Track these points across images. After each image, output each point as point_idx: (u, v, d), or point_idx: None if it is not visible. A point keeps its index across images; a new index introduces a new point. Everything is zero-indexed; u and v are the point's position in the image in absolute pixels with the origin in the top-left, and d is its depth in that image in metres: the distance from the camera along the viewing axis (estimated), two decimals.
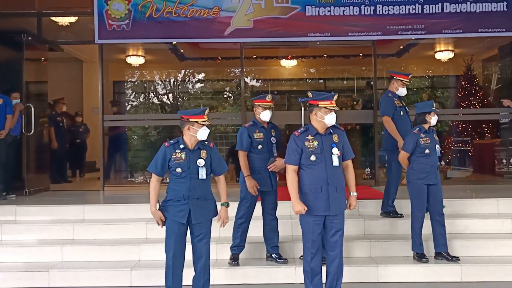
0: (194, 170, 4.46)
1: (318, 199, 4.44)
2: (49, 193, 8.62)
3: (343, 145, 4.53)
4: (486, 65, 11.56)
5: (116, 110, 10.60)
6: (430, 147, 5.63)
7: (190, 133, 4.48)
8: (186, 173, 4.44)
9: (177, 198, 4.48)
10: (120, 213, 6.71)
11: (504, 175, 9.48)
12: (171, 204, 4.49)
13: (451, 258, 5.65)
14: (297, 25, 8.49)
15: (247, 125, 5.63)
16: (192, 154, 4.48)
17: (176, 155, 4.46)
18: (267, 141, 5.60)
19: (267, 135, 5.63)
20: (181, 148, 4.48)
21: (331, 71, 13.17)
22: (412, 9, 8.46)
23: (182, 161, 4.44)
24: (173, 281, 4.53)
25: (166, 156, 4.48)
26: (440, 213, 5.66)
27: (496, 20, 8.45)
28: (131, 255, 5.95)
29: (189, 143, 4.51)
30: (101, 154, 8.92)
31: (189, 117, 4.47)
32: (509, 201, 6.69)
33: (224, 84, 13.37)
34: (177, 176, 4.46)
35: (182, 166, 4.44)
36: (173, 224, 4.48)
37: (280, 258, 5.67)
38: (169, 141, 4.59)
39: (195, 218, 4.47)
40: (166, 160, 4.47)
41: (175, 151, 4.47)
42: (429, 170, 5.62)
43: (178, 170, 4.44)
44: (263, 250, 5.85)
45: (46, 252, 6.01)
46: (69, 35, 9.62)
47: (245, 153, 5.55)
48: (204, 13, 8.47)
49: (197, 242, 4.54)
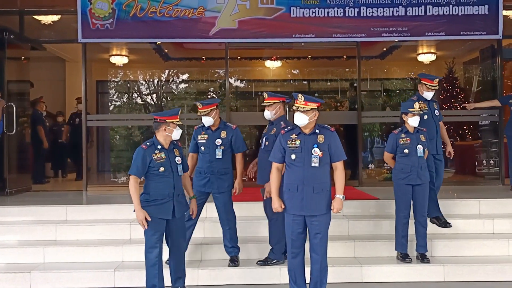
0: (174, 167, 4.71)
1: (294, 198, 4.49)
2: (31, 194, 8.52)
3: (329, 146, 4.51)
4: (468, 68, 11.70)
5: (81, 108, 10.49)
6: (409, 147, 5.66)
7: (166, 133, 4.69)
8: (168, 171, 4.66)
9: (161, 196, 4.66)
10: (103, 213, 6.65)
11: (485, 176, 9.60)
12: (155, 204, 4.64)
13: (422, 259, 5.69)
14: (282, 26, 8.50)
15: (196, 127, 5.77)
16: (169, 153, 4.74)
17: (157, 155, 4.65)
18: (210, 143, 5.62)
19: (212, 137, 5.64)
20: (159, 148, 4.69)
21: (315, 73, 13.23)
22: (395, 12, 8.52)
23: (164, 160, 4.65)
24: (159, 279, 4.72)
25: (145, 158, 4.63)
26: (422, 214, 5.71)
27: (478, 23, 8.56)
28: (115, 256, 5.91)
29: (164, 143, 4.72)
30: (83, 154, 8.84)
31: (164, 118, 4.68)
32: (490, 202, 6.78)
33: (209, 84, 13.35)
34: (160, 175, 4.64)
35: (164, 165, 4.65)
36: (158, 222, 4.65)
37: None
38: (145, 143, 4.76)
39: (179, 213, 4.74)
40: (146, 161, 4.63)
41: (154, 151, 4.66)
42: (409, 171, 5.65)
43: (161, 169, 4.62)
44: (249, 251, 5.85)
45: (27, 253, 5.94)
46: (52, 33, 9.50)
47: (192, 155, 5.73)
48: (189, 13, 8.44)
49: (176, 236, 4.80)
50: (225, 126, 5.68)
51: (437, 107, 6.31)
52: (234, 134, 5.63)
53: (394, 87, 13.83)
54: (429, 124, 6.14)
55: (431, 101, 6.27)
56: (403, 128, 5.76)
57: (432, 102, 6.28)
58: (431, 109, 6.23)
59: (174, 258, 4.87)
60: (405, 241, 5.72)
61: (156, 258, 4.67)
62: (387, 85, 13.75)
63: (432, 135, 6.09)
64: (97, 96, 12.65)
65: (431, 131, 6.10)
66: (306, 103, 4.47)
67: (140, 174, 4.64)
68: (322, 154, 4.46)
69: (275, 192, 4.60)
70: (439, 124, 6.27)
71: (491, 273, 5.63)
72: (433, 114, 6.22)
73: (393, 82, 13.83)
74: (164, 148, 4.70)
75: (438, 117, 6.25)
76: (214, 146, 5.57)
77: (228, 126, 5.69)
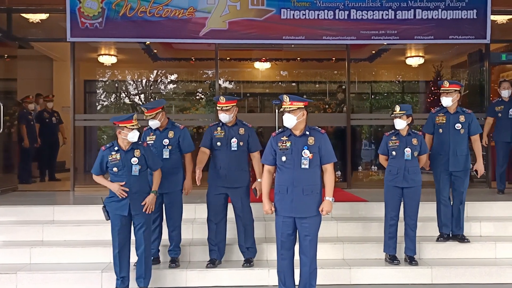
0: (128, 168, 5.01)
1: (283, 200, 4.51)
2: (17, 194, 8.42)
3: (320, 148, 4.51)
4: (455, 72, 11.79)
5: (52, 106, 10.42)
6: (396, 149, 5.69)
7: (121, 136, 5.02)
8: (122, 171, 5.01)
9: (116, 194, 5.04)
10: (91, 214, 6.58)
11: (473, 179, 9.66)
12: (113, 201, 5.06)
13: (410, 261, 5.72)
14: (272, 28, 8.50)
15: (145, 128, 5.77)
16: (126, 154, 5.03)
17: (112, 157, 5.02)
18: (157, 144, 5.63)
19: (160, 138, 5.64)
20: (116, 150, 5.04)
21: (305, 74, 13.26)
22: (385, 15, 8.56)
23: (117, 161, 5.01)
24: (120, 269, 5.10)
25: (103, 159, 5.05)
26: (411, 217, 5.72)
27: (466, 28, 8.62)
28: (102, 257, 5.86)
29: (122, 144, 5.05)
30: (71, 154, 8.76)
31: (119, 122, 4.98)
32: (476, 205, 6.84)
33: (197, 85, 13.33)
34: (115, 175, 5.02)
35: (118, 165, 5.01)
36: (115, 218, 5.05)
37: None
38: (106, 145, 5.16)
39: (134, 210, 5.04)
40: (103, 162, 5.04)
41: (111, 153, 5.03)
42: (396, 173, 5.67)
43: (114, 169, 5.01)
44: (237, 252, 5.83)
45: (13, 254, 5.88)
46: (40, 32, 9.41)
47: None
48: (179, 13, 8.41)
49: (136, 231, 5.13)
50: (173, 126, 5.70)
51: (464, 119, 5.98)
52: (182, 134, 5.65)
53: (382, 90, 13.92)
54: (443, 137, 6.01)
55: (455, 113, 6.02)
56: (394, 131, 5.78)
57: (457, 114, 6.02)
58: (451, 121, 6.00)
59: (137, 253, 5.17)
60: (392, 243, 5.74)
61: (116, 250, 5.07)
62: (375, 87, 13.83)
63: (443, 150, 5.98)
64: (84, 96, 12.56)
65: (442, 145, 5.99)
66: (292, 103, 4.49)
67: (97, 172, 5.07)
68: (312, 156, 4.47)
69: (266, 195, 4.61)
70: (461, 138, 5.96)
71: (478, 276, 5.67)
72: (451, 127, 6.00)
73: (381, 84, 13.92)
74: (121, 150, 5.02)
75: (457, 131, 5.95)
76: (161, 147, 5.59)
77: (176, 127, 5.70)
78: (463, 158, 5.94)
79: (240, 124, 5.64)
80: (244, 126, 5.63)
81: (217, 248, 5.65)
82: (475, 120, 6.03)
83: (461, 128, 5.95)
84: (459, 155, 5.93)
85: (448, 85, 5.95)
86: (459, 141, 5.96)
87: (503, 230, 6.45)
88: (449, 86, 5.95)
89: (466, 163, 5.98)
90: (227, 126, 5.59)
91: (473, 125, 5.99)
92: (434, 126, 6.10)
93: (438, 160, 6.02)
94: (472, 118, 6.02)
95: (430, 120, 6.17)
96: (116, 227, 5.07)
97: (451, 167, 5.95)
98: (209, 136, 5.60)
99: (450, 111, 6.01)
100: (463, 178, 5.99)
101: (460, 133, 5.95)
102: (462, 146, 5.96)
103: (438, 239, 6.06)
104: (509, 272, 5.72)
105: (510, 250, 6.09)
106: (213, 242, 5.63)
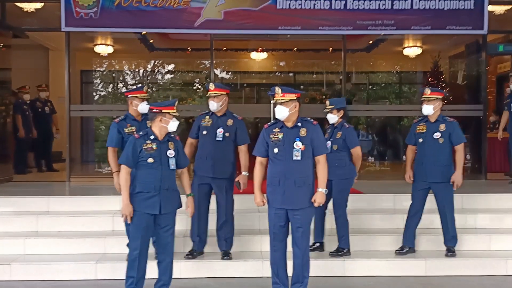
0: (164, 160, 4.54)
1: (275, 192, 4.49)
2: (12, 184, 8.41)
3: (312, 140, 4.49)
4: (453, 62, 11.75)
5: (45, 96, 10.38)
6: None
7: (161, 124, 4.53)
8: (157, 163, 4.50)
9: (147, 189, 4.51)
10: (86, 205, 6.59)
11: (469, 171, 9.67)
12: (140, 196, 4.51)
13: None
14: (267, 18, 8.46)
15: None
16: (162, 145, 4.56)
17: (147, 146, 4.50)
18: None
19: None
20: (152, 139, 4.53)
21: (301, 65, 13.21)
22: (382, 5, 8.51)
23: (154, 151, 4.50)
24: (138, 273, 4.56)
25: (136, 148, 4.51)
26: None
27: (464, 18, 8.59)
28: (97, 248, 5.86)
29: (159, 134, 4.57)
30: (67, 144, 8.73)
31: (160, 108, 4.54)
32: (472, 197, 6.85)
33: (194, 75, 13.28)
34: (148, 167, 4.50)
35: (154, 156, 4.50)
36: (142, 216, 4.51)
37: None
38: (139, 133, 4.68)
39: (165, 208, 4.54)
40: (136, 151, 4.51)
41: (146, 142, 4.52)
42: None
43: (149, 160, 4.49)
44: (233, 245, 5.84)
45: (8, 245, 5.86)
46: (34, 21, 9.35)
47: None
48: (174, 3, 8.35)
49: (163, 232, 4.61)
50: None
51: (445, 128, 5.63)
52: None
53: (380, 81, 13.87)
54: (422, 147, 5.73)
55: (435, 121, 5.68)
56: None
57: (437, 123, 5.68)
58: (430, 130, 5.69)
59: (163, 257, 4.68)
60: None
61: (137, 252, 4.52)
62: (372, 78, 13.79)
63: (422, 160, 5.69)
64: (81, 86, 12.50)
65: (422, 156, 5.72)
66: (284, 95, 4.46)
67: (130, 164, 4.53)
68: (304, 147, 4.45)
69: (258, 187, 4.59)
70: (440, 148, 5.63)
71: (472, 268, 5.68)
72: (429, 136, 5.67)
73: (379, 75, 13.87)
74: (157, 139, 4.55)
75: (436, 140, 5.63)
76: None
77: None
78: (442, 169, 5.61)
79: (229, 115, 5.58)
80: (233, 118, 5.56)
81: (199, 239, 5.61)
82: (457, 130, 5.67)
83: (440, 137, 5.59)
84: (438, 165, 5.60)
85: (429, 93, 5.62)
86: (438, 151, 5.63)
87: (498, 222, 6.45)
88: (430, 93, 5.62)
89: (447, 174, 5.64)
90: (216, 116, 5.54)
91: (454, 134, 5.62)
92: (415, 135, 5.80)
93: (418, 170, 5.75)
94: (454, 128, 5.64)
95: (411, 131, 5.89)
96: (140, 226, 4.50)
97: (430, 178, 5.65)
98: (196, 125, 5.58)
99: (431, 119, 5.69)
100: (444, 190, 5.68)
101: (439, 143, 5.61)
102: (441, 156, 5.61)
103: (396, 252, 5.82)
104: (503, 264, 5.72)
105: (505, 242, 6.10)
106: (196, 233, 5.59)
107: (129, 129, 5.34)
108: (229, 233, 5.62)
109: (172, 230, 4.66)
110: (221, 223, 5.58)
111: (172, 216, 4.67)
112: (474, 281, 5.49)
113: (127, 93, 5.63)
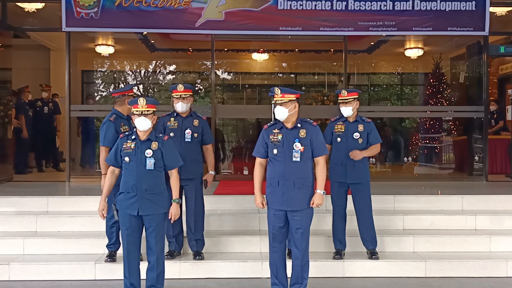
0: (141, 160, 4.49)
1: (275, 193, 4.48)
2: (12, 184, 8.41)
3: (311, 141, 4.48)
4: (454, 63, 11.74)
5: (47, 95, 10.37)
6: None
7: (134, 123, 4.58)
8: (133, 163, 4.48)
9: (127, 189, 4.52)
10: (85, 205, 6.56)
11: (469, 172, 9.64)
12: (122, 196, 4.54)
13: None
14: (269, 19, 8.44)
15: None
16: (141, 144, 4.52)
17: (126, 145, 4.52)
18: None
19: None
20: (133, 138, 4.55)
21: (302, 66, 13.19)
22: (383, 6, 8.49)
23: (131, 150, 4.50)
24: (129, 273, 4.59)
25: (118, 147, 4.57)
26: None
27: (465, 19, 8.56)
28: (96, 248, 5.84)
29: (139, 133, 4.56)
30: (67, 144, 8.73)
31: (133, 106, 4.55)
32: (473, 198, 6.82)
33: (195, 76, 13.27)
34: (125, 166, 4.52)
35: (130, 155, 4.50)
36: (124, 216, 4.53)
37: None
38: (125, 132, 4.77)
39: (143, 210, 4.49)
40: (118, 150, 4.56)
41: (127, 141, 4.55)
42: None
43: (126, 159, 4.50)
44: (230, 244, 5.82)
45: (7, 245, 5.85)
46: (35, 21, 9.35)
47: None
48: (175, 3, 8.34)
49: (147, 234, 4.58)
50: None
51: (363, 128, 5.60)
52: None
53: (381, 82, 13.86)
54: (341, 147, 5.64)
55: (354, 122, 5.64)
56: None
57: (356, 123, 5.63)
58: (349, 130, 5.64)
59: (149, 259, 4.63)
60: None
61: (125, 253, 4.56)
62: (374, 79, 13.78)
63: (340, 160, 5.61)
64: (82, 86, 12.50)
65: (340, 155, 5.63)
66: (283, 95, 4.45)
67: (112, 162, 4.58)
68: (304, 148, 4.44)
69: (258, 188, 4.56)
70: (359, 148, 5.56)
71: (472, 269, 5.65)
72: (349, 136, 5.61)
73: (380, 76, 13.86)
74: (138, 139, 4.52)
75: (356, 140, 5.58)
76: None
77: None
78: (361, 169, 5.57)
79: (194, 115, 5.58)
80: (198, 118, 5.58)
81: (175, 240, 5.62)
82: (374, 130, 5.65)
83: (359, 138, 5.57)
84: (357, 166, 5.55)
85: (346, 94, 5.54)
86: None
87: (498, 223, 6.42)
88: (347, 95, 5.53)
89: (365, 174, 5.62)
90: (181, 117, 5.52)
91: (372, 134, 5.60)
92: (333, 134, 5.71)
93: (336, 170, 5.68)
94: (371, 128, 5.62)
95: (328, 129, 5.78)
96: (124, 226, 4.53)
97: (349, 179, 5.59)
98: (161, 128, 5.52)
99: (350, 120, 5.65)
100: (363, 190, 5.62)
101: (358, 143, 5.59)
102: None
103: (334, 257, 5.68)
104: (503, 265, 5.69)
105: (505, 244, 6.06)
106: (171, 234, 5.57)
107: (123, 128, 5.38)
108: (200, 232, 5.61)
109: (155, 233, 4.53)
110: (191, 224, 5.56)
111: (156, 219, 4.54)
112: (474, 283, 5.46)
113: (115, 93, 5.74)
